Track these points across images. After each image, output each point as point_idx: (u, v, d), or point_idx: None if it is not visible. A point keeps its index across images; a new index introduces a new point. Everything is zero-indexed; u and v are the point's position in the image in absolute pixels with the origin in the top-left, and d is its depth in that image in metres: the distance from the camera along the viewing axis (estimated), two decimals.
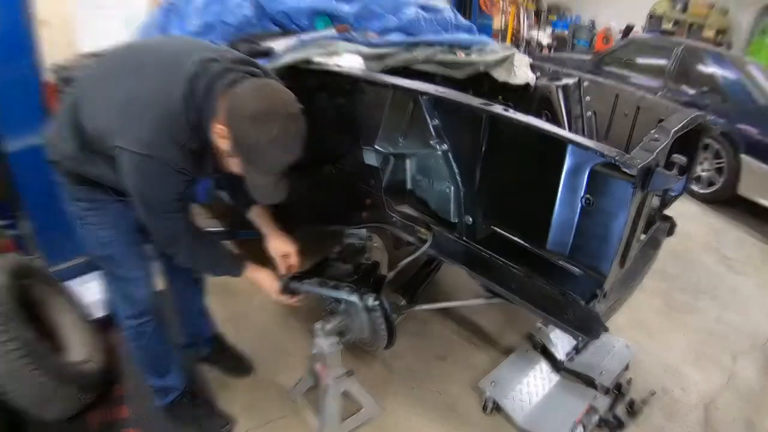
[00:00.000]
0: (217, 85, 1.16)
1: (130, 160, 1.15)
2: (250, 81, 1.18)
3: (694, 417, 1.99)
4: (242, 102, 1.13)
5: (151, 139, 1.14)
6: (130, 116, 1.17)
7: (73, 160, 1.31)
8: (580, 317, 1.35)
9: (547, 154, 1.23)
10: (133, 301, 1.53)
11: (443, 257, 1.69)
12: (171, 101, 1.16)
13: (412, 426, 1.86)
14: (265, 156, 1.16)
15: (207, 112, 1.18)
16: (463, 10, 4.25)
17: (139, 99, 1.18)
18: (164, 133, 1.15)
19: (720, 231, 3.66)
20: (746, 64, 4.28)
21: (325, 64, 1.73)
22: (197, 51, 1.24)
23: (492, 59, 2.07)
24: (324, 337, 1.65)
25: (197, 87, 1.16)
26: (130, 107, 1.18)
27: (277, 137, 1.13)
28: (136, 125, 1.15)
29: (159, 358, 1.66)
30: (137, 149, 1.13)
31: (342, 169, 1.92)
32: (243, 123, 1.13)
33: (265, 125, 1.12)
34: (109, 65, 1.31)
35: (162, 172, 1.17)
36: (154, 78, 1.20)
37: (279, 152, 1.17)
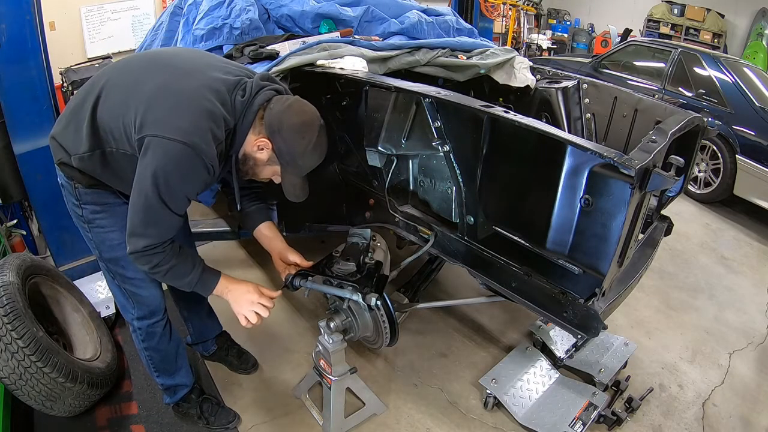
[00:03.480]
0: (255, 101, 1.28)
1: (165, 146, 1.15)
2: (281, 98, 1.32)
3: (692, 414, 2.02)
4: (284, 117, 1.29)
5: (193, 129, 1.17)
6: (169, 107, 1.18)
7: (84, 161, 1.29)
8: (579, 315, 1.38)
9: (547, 155, 1.26)
10: (141, 302, 1.53)
11: (445, 256, 1.71)
12: (212, 103, 1.21)
13: (414, 422, 1.88)
14: (304, 161, 1.34)
15: (244, 125, 1.28)
16: (464, 13, 4.29)
17: (179, 95, 1.20)
18: (207, 128, 1.19)
19: (717, 231, 3.70)
20: (742, 66, 4.32)
21: (329, 67, 1.76)
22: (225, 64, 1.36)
23: (493, 62, 2.10)
24: (328, 335, 1.67)
25: (236, 99, 1.26)
26: (168, 100, 1.19)
27: (315, 145, 1.33)
28: (176, 115, 1.17)
29: (168, 357, 1.67)
30: (177, 137, 1.15)
31: (346, 170, 1.95)
32: (288, 135, 1.29)
33: (306, 135, 1.31)
34: (134, 67, 1.33)
35: (195, 163, 1.19)
36: (194, 79, 1.24)
37: (315, 157, 1.36)
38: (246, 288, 1.44)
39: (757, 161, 3.66)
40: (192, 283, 1.36)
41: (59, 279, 2.01)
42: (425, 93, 1.43)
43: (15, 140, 2.19)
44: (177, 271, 1.32)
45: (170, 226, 1.26)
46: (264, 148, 1.31)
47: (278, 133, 1.29)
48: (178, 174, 1.19)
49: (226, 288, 1.41)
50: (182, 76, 1.24)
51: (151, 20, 3.96)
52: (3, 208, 2.43)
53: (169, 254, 1.28)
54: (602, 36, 8.26)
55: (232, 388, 1.98)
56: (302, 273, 1.79)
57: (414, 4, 2.43)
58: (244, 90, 1.28)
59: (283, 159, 1.33)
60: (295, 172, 1.37)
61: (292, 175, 1.38)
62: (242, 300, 1.42)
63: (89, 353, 1.87)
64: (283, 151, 1.31)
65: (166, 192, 1.19)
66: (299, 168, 1.36)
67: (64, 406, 1.66)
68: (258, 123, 1.29)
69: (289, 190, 1.41)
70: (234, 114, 1.26)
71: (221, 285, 1.40)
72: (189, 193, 1.25)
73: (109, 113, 1.23)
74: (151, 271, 1.30)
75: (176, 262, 1.31)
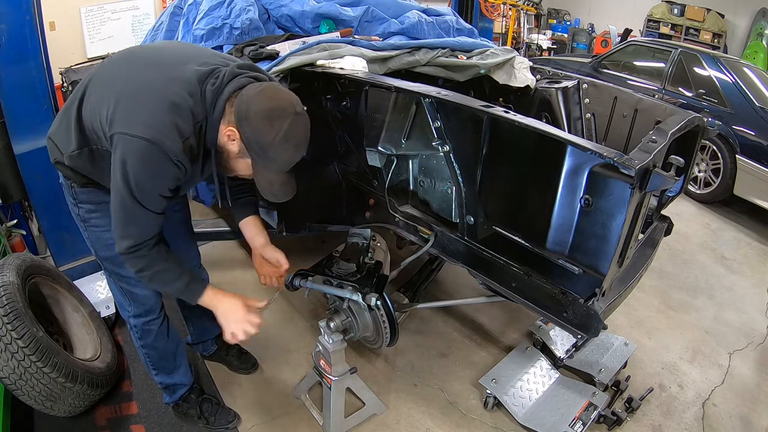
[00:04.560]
0: (226, 89, 1.19)
1: (130, 144, 1.12)
2: (255, 84, 1.22)
3: (692, 414, 2.02)
4: (252, 103, 1.17)
5: (155, 124, 1.13)
6: (132, 103, 1.15)
7: (74, 159, 1.29)
8: (579, 315, 1.38)
9: (547, 156, 1.26)
10: (138, 301, 1.54)
11: (445, 256, 1.71)
12: (179, 95, 1.16)
13: (414, 422, 1.88)
14: (276, 153, 1.20)
15: (215, 114, 1.19)
16: (464, 13, 4.29)
17: (144, 89, 1.17)
18: (169, 121, 1.14)
19: (717, 231, 3.70)
20: (742, 66, 4.32)
21: (329, 67, 1.76)
22: (205, 55, 1.28)
23: (493, 62, 2.10)
24: (328, 335, 1.67)
25: (206, 88, 1.19)
26: (133, 96, 1.16)
27: (287, 134, 1.18)
28: (139, 111, 1.14)
29: (166, 356, 1.68)
30: (140, 133, 1.11)
31: (346, 170, 1.95)
32: (254, 122, 1.16)
33: (275, 123, 1.16)
34: (115, 62, 1.31)
35: (160, 160, 1.14)
36: (162, 73, 1.19)
37: (289, 149, 1.21)
38: (232, 304, 1.37)
39: (757, 161, 3.66)
40: (178, 290, 1.34)
41: (59, 279, 2.01)
42: (425, 93, 1.43)
43: (15, 140, 2.19)
44: (163, 277, 1.29)
45: (150, 224, 1.22)
46: (234, 139, 1.20)
47: (246, 121, 1.17)
48: (144, 171, 1.15)
49: (212, 301, 1.36)
50: (152, 71, 1.20)
51: (151, 20, 3.96)
52: (3, 208, 2.43)
53: (154, 258, 1.25)
54: (602, 36, 8.26)
55: (231, 388, 1.98)
56: (302, 273, 1.80)
57: (414, 4, 2.43)
58: (216, 78, 1.20)
59: (252, 150, 1.20)
60: (268, 167, 1.23)
61: (266, 169, 1.24)
62: (229, 317, 1.36)
63: (89, 353, 1.87)
64: (252, 141, 1.18)
65: (137, 190, 1.16)
66: (272, 162, 1.22)
67: (64, 406, 1.66)
68: (228, 111, 1.20)
69: (264, 187, 1.28)
70: (204, 104, 1.19)
71: (207, 297, 1.36)
72: (160, 190, 1.20)
73: (90, 111, 1.22)
74: (137, 274, 1.27)
75: (162, 268, 1.28)
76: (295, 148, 1.23)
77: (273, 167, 1.24)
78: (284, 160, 1.23)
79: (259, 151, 1.20)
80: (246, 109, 1.17)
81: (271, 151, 1.19)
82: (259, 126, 1.17)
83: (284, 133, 1.17)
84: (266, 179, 1.26)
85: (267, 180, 1.26)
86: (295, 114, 1.20)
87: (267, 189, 1.28)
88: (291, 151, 1.22)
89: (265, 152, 1.20)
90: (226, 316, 1.36)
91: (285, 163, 1.24)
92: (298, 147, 1.23)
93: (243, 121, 1.17)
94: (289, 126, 1.18)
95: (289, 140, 1.19)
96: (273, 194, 1.29)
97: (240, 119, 1.17)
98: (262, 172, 1.25)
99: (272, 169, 1.24)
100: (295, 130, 1.20)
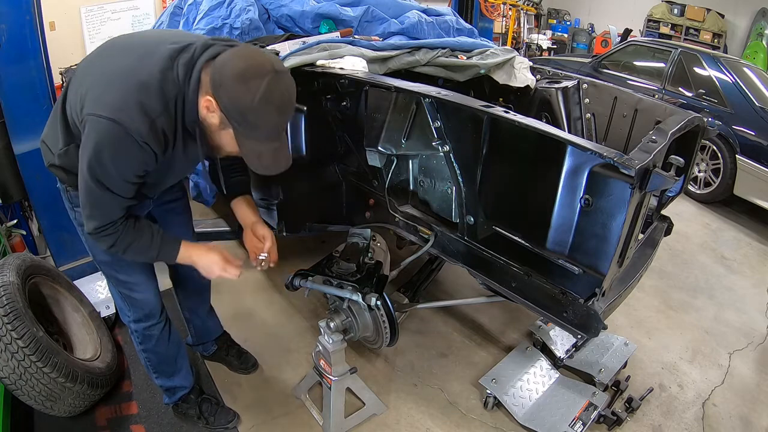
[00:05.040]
0: (200, 60, 1.12)
1: (95, 125, 1.08)
2: (230, 49, 1.13)
3: (692, 414, 2.02)
4: (225, 66, 1.08)
5: (120, 104, 1.07)
6: (102, 87, 1.12)
7: (63, 157, 1.26)
8: (579, 315, 1.38)
9: (547, 156, 1.26)
10: (137, 306, 1.53)
11: (445, 256, 1.71)
12: (147, 73, 1.10)
13: (414, 422, 1.88)
14: (257, 118, 1.09)
15: (191, 88, 1.12)
16: (464, 13, 4.29)
17: (115, 73, 1.13)
18: (135, 102, 1.08)
19: (717, 231, 3.70)
20: (742, 66, 4.32)
21: (329, 67, 1.76)
22: (180, 35, 1.25)
23: (493, 62, 2.10)
24: (328, 335, 1.67)
25: (178, 63, 1.12)
26: (103, 80, 1.13)
27: (267, 95, 1.06)
28: (106, 93, 1.10)
29: (167, 360, 1.67)
30: (105, 113, 1.07)
31: (346, 170, 1.95)
32: (229, 85, 1.06)
33: (252, 82, 1.05)
34: (94, 55, 1.28)
35: (125, 142, 1.08)
36: (134, 56, 1.15)
37: (271, 112, 1.09)
38: (210, 257, 1.35)
39: (757, 161, 3.66)
40: (153, 257, 1.31)
41: (59, 279, 2.01)
42: (425, 93, 1.43)
43: (15, 140, 2.19)
44: (136, 248, 1.26)
45: (115, 206, 1.18)
46: (213, 110, 1.11)
47: (221, 87, 1.07)
48: (108, 153, 1.09)
49: (190, 257, 1.35)
50: (125, 55, 1.16)
51: (151, 20, 3.96)
52: (3, 208, 2.43)
53: (123, 233, 1.22)
54: (602, 36, 8.26)
55: (231, 388, 1.98)
56: (302, 273, 1.80)
57: (414, 4, 2.43)
58: (189, 52, 1.13)
59: (232, 118, 1.10)
60: (251, 135, 1.12)
61: (250, 139, 1.13)
62: (210, 267, 1.36)
63: (89, 353, 1.87)
64: (229, 108, 1.08)
65: (101, 173, 1.11)
66: (254, 128, 1.10)
67: (64, 406, 1.66)
68: (204, 81, 1.11)
69: (252, 161, 1.16)
70: (177, 81, 1.12)
71: (183, 253, 1.33)
72: (125, 174, 1.14)
73: (70, 105, 1.20)
74: (109, 250, 1.25)
75: (132, 239, 1.24)
76: (278, 110, 1.11)
77: (257, 135, 1.12)
78: (268, 125, 1.11)
79: (239, 117, 1.09)
80: (220, 74, 1.08)
81: (250, 115, 1.08)
82: (235, 89, 1.06)
83: (263, 93, 1.05)
84: (253, 151, 1.15)
85: (254, 152, 1.15)
86: (274, 72, 1.08)
87: (256, 162, 1.17)
88: (273, 114, 1.10)
89: (244, 118, 1.09)
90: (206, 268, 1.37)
91: (269, 128, 1.12)
92: (282, 109, 1.12)
93: (218, 88, 1.08)
94: (268, 85, 1.06)
95: (270, 101, 1.07)
96: (263, 167, 1.18)
97: (215, 86, 1.08)
98: (247, 143, 1.14)
99: (257, 137, 1.13)
100: (276, 90, 1.08)
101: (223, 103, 1.09)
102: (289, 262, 2.73)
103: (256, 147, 1.14)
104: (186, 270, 1.76)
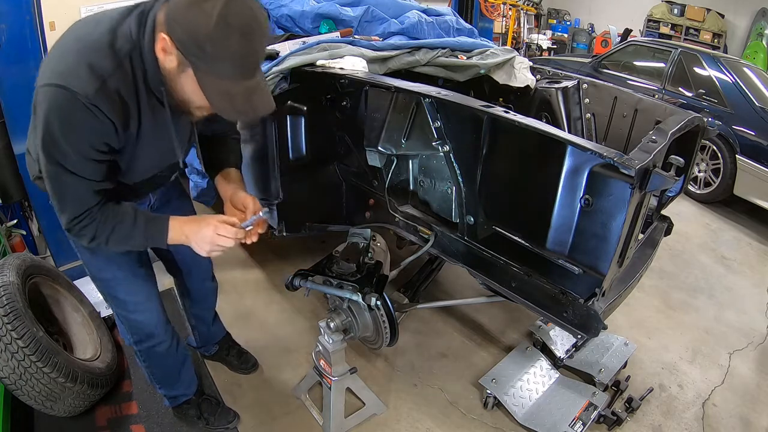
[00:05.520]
0: (153, 8, 1.00)
1: (43, 96, 0.97)
2: None
3: (692, 414, 2.02)
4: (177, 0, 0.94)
5: (66, 68, 0.97)
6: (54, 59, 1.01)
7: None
8: (579, 315, 1.38)
9: (547, 156, 1.26)
10: (135, 327, 1.49)
11: (445, 256, 1.71)
12: (98, 34, 1.00)
13: (414, 422, 1.88)
14: (217, 48, 0.91)
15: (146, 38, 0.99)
16: (464, 13, 4.29)
17: (66, 43, 1.03)
18: (84, 64, 0.96)
19: (717, 231, 3.70)
20: (742, 66, 4.32)
21: (329, 67, 1.76)
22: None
23: (493, 62, 2.10)
24: (328, 335, 1.68)
25: (130, 18, 1.01)
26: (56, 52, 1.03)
27: (224, 16, 0.89)
28: (57, 62, 0.99)
29: (170, 372, 1.66)
30: (52, 81, 0.96)
31: (346, 170, 1.95)
32: (181, 14, 0.92)
33: (206, 4, 0.89)
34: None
35: (73, 108, 0.96)
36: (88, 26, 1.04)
37: (232, 37, 0.91)
38: (199, 228, 1.16)
39: (757, 161, 3.66)
40: (141, 241, 1.16)
41: (59, 279, 2.01)
42: (425, 93, 1.43)
43: (15, 140, 2.19)
44: (119, 234, 1.12)
45: (83, 192, 1.06)
46: (169, 51, 0.95)
47: (174, 20, 0.93)
48: (58, 124, 0.97)
49: (182, 234, 1.17)
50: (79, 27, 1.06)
51: None
52: (3, 208, 2.43)
53: (100, 222, 1.10)
54: (602, 36, 8.26)
55: (232, 388, 1.98)
56: (302, 273, 1.80)
57: (414, 4, 2.43)
58: (142, 6, 1.02)
59: (189, 54, 0.93)
60: (214, 70, 0.94)
61: (213, 76, 0.95)
62: (201, 243, 1.17)
63: (89, 353, 1.87)
64: (185, 41, 0.92)
65: (55, 150, 1.00)
66: (216, 61, 0.93)
67: (64, 406, 1.66)
68: (159, 23, 0.97)
69: (222, 105, 0.98)
70: (130, 35, 1.00)
71: (174, 232, 1.17)
72: (80, 147, 1.00)
73: None
74: (90, 245, 1.13)
75: (114, 224, 1.11)
76: (242, 35, 0.92)
77: (221, 70, 0.94)
78: (232, 56, 0.93)
79: (196, 50, 0.92)
80: (173, 8, 0.93)
81: (208, 45, 0.91)
82: (187, 16, 0.91)
83: (219, 14, 0.88)
84: (221, 91, 0.96)
85: (222, 92, 0.96)
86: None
87: (228, 106, 0.98)
88: (236, 40, 0.92)
89: (202, 49, 0.91)
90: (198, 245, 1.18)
91: (234, 59, 0.94)
92: (246, 33, 0.92)
93: (171, 22, 0.93)
94: (226, 5, 0.89)
95: (230, 23, 0.90)
96: (237, 111, 1.00)
97: (169, 22, 0.94)
98: (211, 83, 0.96)
99: (221, 73, 0.94)
100: (235, 9, 0.90)
101: (177, 38, 0.93)
102: (289, 262, 2.74)
103: (223, 86, 0.96)
104: (193, 279, 1.74)
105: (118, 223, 1.12)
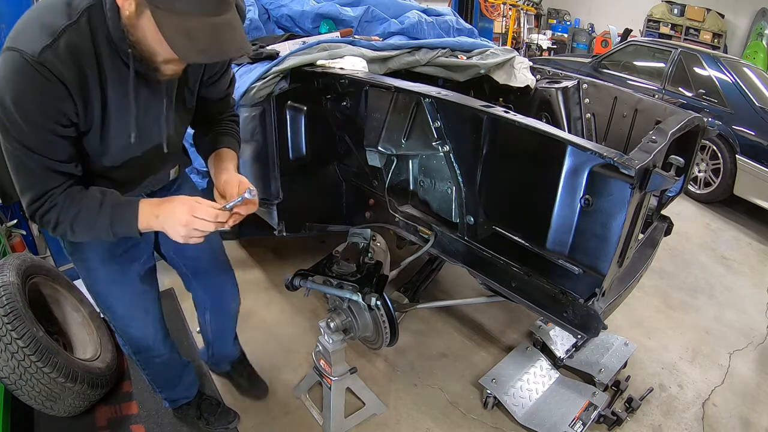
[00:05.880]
0: None
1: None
2: None
3: (692, 414, 2.02)
4: None
5: (18, 30, 0.91)
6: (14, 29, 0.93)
7: None
8: (579, 315, 1.37)
9: (547, 156, 1.26)
10: (129, 340, 1.48)
11: (445, 256, 1.71)
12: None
13: (414, 422, 1.88)
14: None
15: None
16: (464, 13, 4.30)
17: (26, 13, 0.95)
18: (36, 24, 0.90)
19: (717, 231, 3.70)
20: (742, 66, 4.32)
21: (329, 67, 1.76)
22: None
23: (493, 62, 2.10)
24: (328, 335, 1.67)
25: None
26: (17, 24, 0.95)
27: None
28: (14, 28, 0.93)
29: (170, 378, 1.66)
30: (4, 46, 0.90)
31: (346, 170, 1.95)
32: None
33: None
34: None
35: (21, 69, 0.87)
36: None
37: None
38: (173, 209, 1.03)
39: (757, 161, 3.67)
40: (107, 227, 1.03)
41: (59, 279, 2.01)
42: (425, 93, 1.43)
43: None
44: (84, 221, 1.02)
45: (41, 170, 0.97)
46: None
47: None
48: (7, 89, 0.89)
49: (153, 216, 1.04)
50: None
51: None
52: (3, 208, 2.43)
53: (64, 205, 1.01)
54: (602, 36, 8.27)
55: (232, 389, 1.98)
56: (302, 273, 1.80)
57: (414, 4, 2.43)
58: None
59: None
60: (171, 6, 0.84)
61: (171, 14, 0.85)
62: (176, 226, 1.02)
63: (89, 353, 1.87)
64: None
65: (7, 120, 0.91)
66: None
67: (64, 406, 1.65)
68: None
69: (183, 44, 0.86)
70: None
71: (145, 217, 1.04)
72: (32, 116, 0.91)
73: None
74: (53, 232, 1.04)
75: (78, 209, 1.01)
76: None
77: (179, 5, 0.84)
78: None
79: None
80: None
81: None
82: None
83: None
84: (180, 29, 0.85)
85: (182, 30, 0.85)
86: None
87: (187, 44, 0.86)
88: None
89: None
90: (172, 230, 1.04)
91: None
92: None
93: None
94: None
95: None
96: (200, 50, 0.88)
97: None
98: (170, 21, 0.85)
99: (180, 9, 0.84)
100: None
101: None
102: (289, 262, 2.74)
103: (182, 23, 0.85)
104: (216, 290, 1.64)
105: (83, 207, 1.02)
